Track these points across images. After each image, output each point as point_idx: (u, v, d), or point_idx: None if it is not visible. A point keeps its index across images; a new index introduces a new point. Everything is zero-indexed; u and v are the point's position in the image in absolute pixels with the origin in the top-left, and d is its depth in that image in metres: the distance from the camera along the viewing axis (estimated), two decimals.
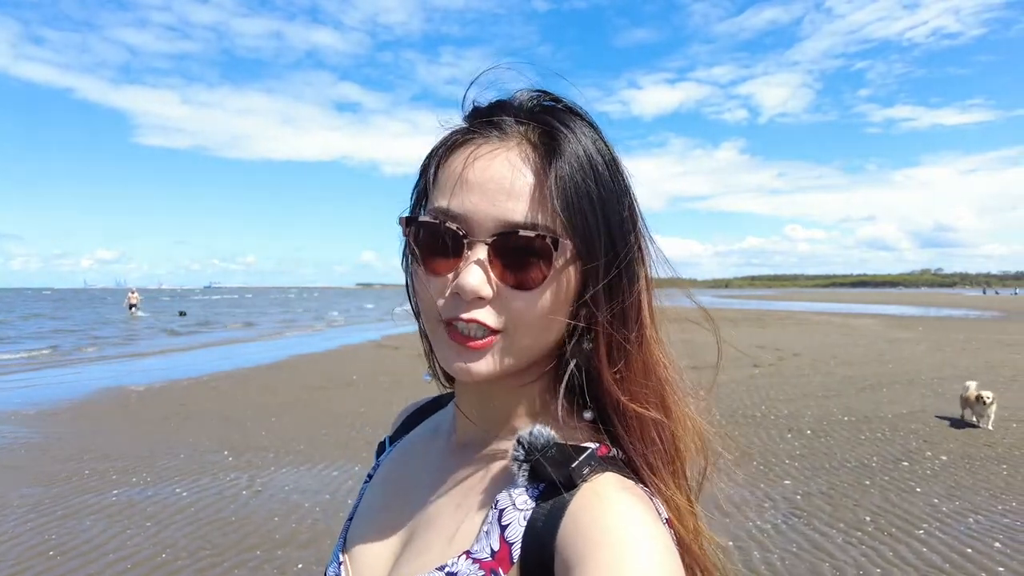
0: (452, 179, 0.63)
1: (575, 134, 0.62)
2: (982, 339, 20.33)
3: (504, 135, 0.63)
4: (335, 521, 5.16)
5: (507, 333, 0.62)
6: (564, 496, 0.59)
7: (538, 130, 0.63)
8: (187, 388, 11.79)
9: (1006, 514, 5.14)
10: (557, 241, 0.60)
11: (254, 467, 6.68)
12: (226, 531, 4.98)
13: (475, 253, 0.61)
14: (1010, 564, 4.26)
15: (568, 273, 0.63)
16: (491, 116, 0.65)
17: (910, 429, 7.91)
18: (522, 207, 0.60)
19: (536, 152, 0.62)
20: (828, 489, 5.70)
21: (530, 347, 0.64)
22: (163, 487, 6.02)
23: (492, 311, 0.61)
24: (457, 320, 0.61)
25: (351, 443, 7.59)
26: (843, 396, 10.12)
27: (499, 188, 0.61)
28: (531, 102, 0.66)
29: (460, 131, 0.67)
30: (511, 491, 0.63)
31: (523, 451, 0.62)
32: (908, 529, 4.83)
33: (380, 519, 0.75)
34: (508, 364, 0.63)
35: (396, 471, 0.81)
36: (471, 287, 0.59)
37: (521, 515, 0.60)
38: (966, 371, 12.71)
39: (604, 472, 0.61)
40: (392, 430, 0.94)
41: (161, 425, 8.65)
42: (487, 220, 0.60)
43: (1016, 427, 7.96)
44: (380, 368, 14.07)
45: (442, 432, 0.80)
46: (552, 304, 0.63)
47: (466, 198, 0.61)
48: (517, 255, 0.60)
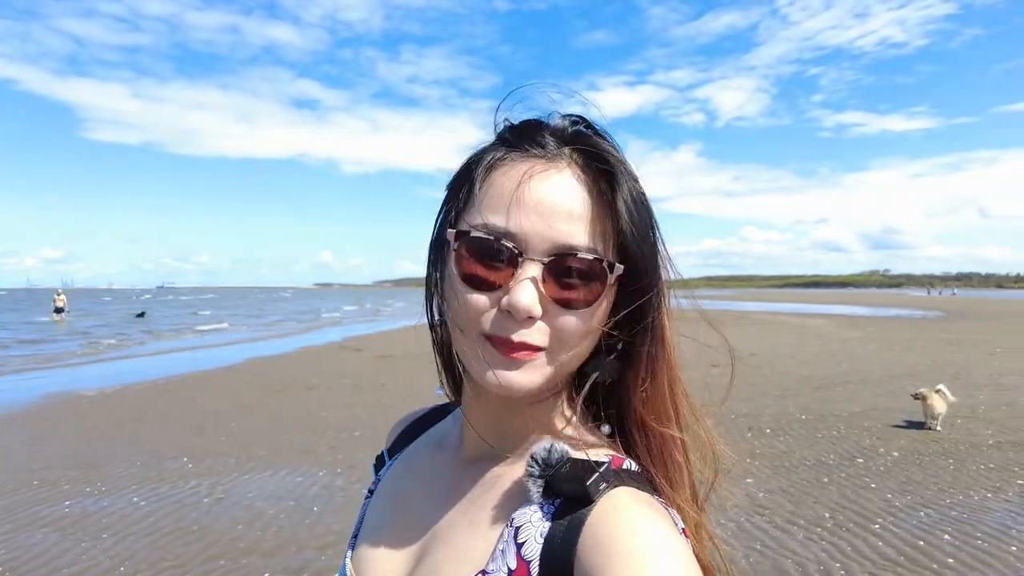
0: (504, 197, 0.63)
1: (624, 166, 0.65)
2: (927, 338, 21.18)
3: (549, 155, 0.65)
4: (301, 528, 5.08)
5: (550, 350, 0.63)
6: (581, 512, 0.59)
7: (583, 154, 0.65)
8: (142, 392, 11.43)
9: (953, 507, 5.36)
10: (613, 265, 0.63)
11: (215, 474, 6.52)
12: (188, 540, 4.85)
13: (527, 271, 0.61)
14: (959, 555, 4.45)
15: (610, 296, 0.66)
16: (532, 134, 0.66)
17: (863, 427, 8.20)
18: (578, 230, 0.62)
19: (587, 176, 0.64)
20: (788, 487, 5.86)
21: (567, 363, 0.65)
22: (119, 497, 5.83)
23: (539, 330, 0.62)
24: (502, 343, 0.62)
25: (314, 448, 7.48)
26: (800, 395, 10.41)
27: (555, 209, 0.62)
28: (568, 125, 0.68)
29: (500, 148, 0.67)
30: (526, 508, 0.62)
31: (538, 467, 0.62)
32: (864, 524, 5.00)
33: (388, 536, 0.74)
34: (546, 380, 0.64)
35: (401, 486, 0.80)
36: (524, 305, 0.60)
37: (537, 532, 0.60)
38: (914, 369, 13.23)
39: (620, 486, 0.61)
40: (389, 442, 0.91)
41: (115, 431, 8.36)
42: (542, 241, 0.61)
43: (961, 423, 8.31)
44: (342, 371, 13.88)
45: (448, 445, 0.79)
46: (596, 324, 0.65)
47: (523, 217, 0.62)
48: (570, 276, 0.62)
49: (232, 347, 20.44)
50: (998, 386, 11.12)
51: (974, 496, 5.63)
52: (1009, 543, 4.63)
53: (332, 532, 5.00)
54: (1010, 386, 11.15)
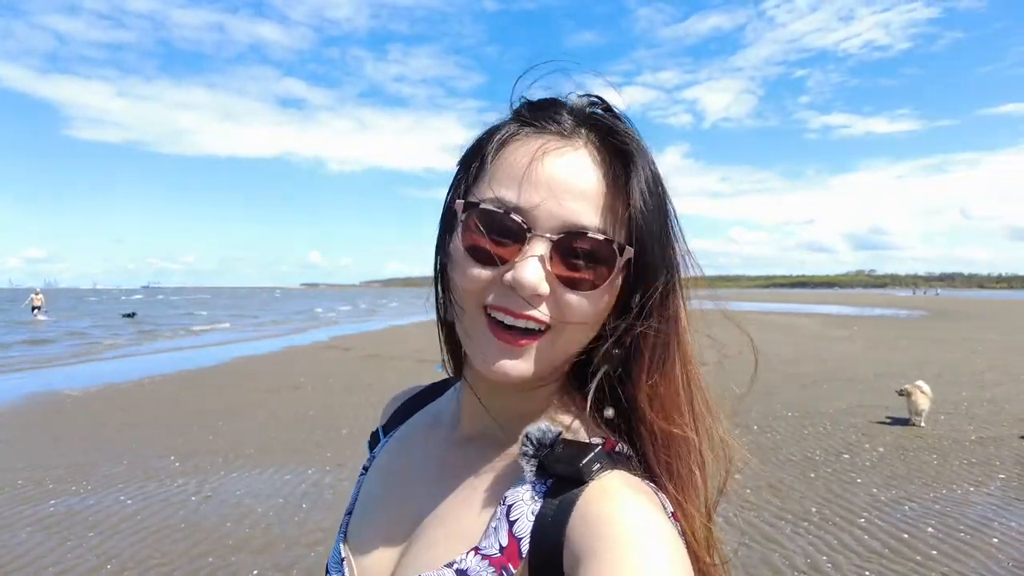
0: (516, 171, 0.62)
1: (642, 148, 0.64)
2: (912, 337, 21.44)
3: (565, 133, 0.63)
4: (289, 525, 5.06)
5: (552, 332, 0.62)
6: (572, 492, 0.59)
7: (599, 135, 0.64)
8: (128, 392, 11.32)
9: (937, 501, 5.44)
10: (623, 248, 0.62)
11: (202, 472, 6.48)
12: (175, 538, 4.81)
13: (535, 248, 0.60)
14: (942, 547, 4.52)
15: (618, 281, 0.64)
16: (549, 110, 0.65)
17: (850, 423, 8.28)
18: (589, 210, 0.60)
19: (601, 156, 0.63)
20: (776, 482, 5.91)
21: (568, 348, 0.64)
22: (105, 495, 5.78)
23: (543, 309, 0.61)
24: (507, 313, 0.61)
25: (302, 447, 7.44)
26: (786, 393, 10.50)
27: (567, 187, 0.60)
28: (586, 105, 0.66)
29: (515, 121, 0.66)
30: (519, 487, 0.63)
31: (532, 447, 0.62)
32: (850, 518, 5.06)
33: (382, 512, 0.74)
34: (544, 366, 0.63)
35: (396, 462, 0.79)
36: (530, 282, 0.58)
37: (529, 511, 0.60)
38: (899, 367, 13.37)
39: (612, 468, 0.61)
40: (384, 419, 0.91)
41: (101, 431, 8.28)
42: (552, 218, 0.60)
43: (944, 419, 8.43)
44: (329, 370, 13.82)
45: (443, 423, 0.79)
46: (600, 308, 0.63)
47: (534, 193, 0.60)
48: (579, 256, 0.60)
49: (219, 347, 20.29)
50: (980, 384, 11.28)
51: (957, 490, 5.71)
52: (990, 535, 4.70)
53: (321, 529, 4.98)
54: (991, 383, 11.32)
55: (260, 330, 28.73)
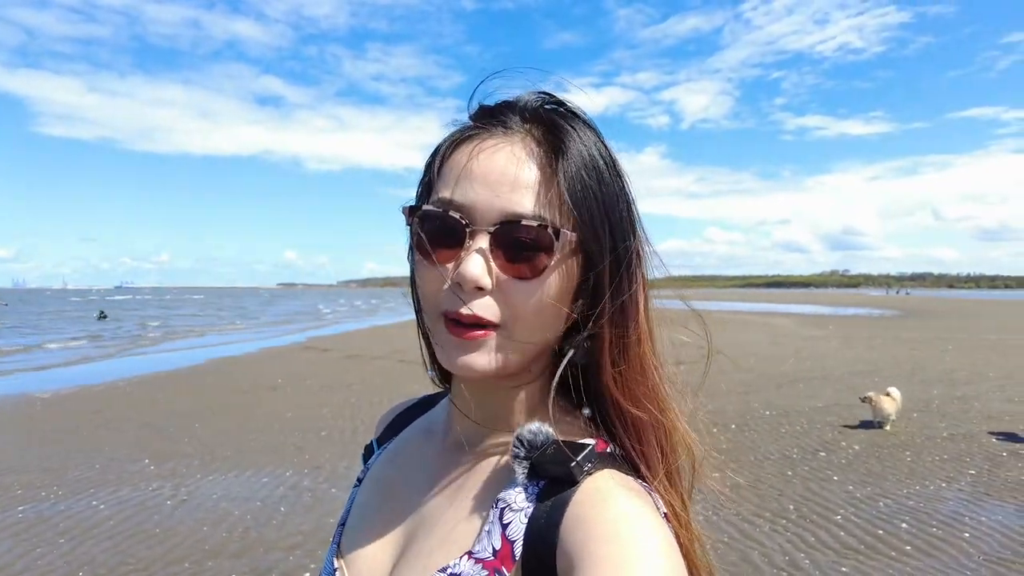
0: (456, 171, 0.63)
1: (578, 133, 0.64)
2: (885, 336, 21.84)
3: (508, 131, 0.64)
4: (268, 528, 5.00)
5: (506, 327, 0.62)
6: (565, 493, 0.59)
7: (541, 128, 0.64)
8: (101, 394, 11.11)
9: (910, 497, 5.54)
10: (559, 232, 0.61)
11: (178, 475, 6.37)
12: (150, 544, 4.73)
13: (477, 243, 0.61)
14: (915, 542, 4.60)
15: (569, 266, 0.63)
16: (497, 113, 0.66)
17: (826, 421, 8.41)
18: (526, 199, 0.61)
19: (540, 148, 0.63)
20: (754, 481, 5.97)
21: (528, 342, 0.64)
22: (77, 500, 5.65)
23: (492, 303, 0.61)
24: (456, 315, 0.61)
25: (280, 448, 7.36)
26: (763, 391, 10.63)
27: (502, 179, 0.61)
28: (535, 102, 0.67)
29: (465, 128, 0.67)
30: (511, 489, 0.63)
31: (523, 449, 0.62)
32: (827, 515, 5.13)
33: (376, 523, 0.73)
34: (508, 359, 0.63)
35: (389, 473, 0.79)
36: (471, 275, 0.59)
37: (522, 513, 0.60)
38: (873, 366, 13.62)
39: (603, 468, 0.61)
40: (378, 432, 0.91)
41: (73, 434, 8.11)
42: (490, 211, 0.61)
43: (916, 417, 8.59)
44: (307, 371, 13.69)
45: (435, 432, 0.79)
46: (551, 297, 0.63)
47: (469, 188, 0.61)
48: (519, 246, 0.61)
49: (194, 349, 20.01)
50: (950, 382, 11.52)
51: (929, 486, 5.83)
52: (962, 530, 4.81)
53: (300, 532, 4.93)
54: (961, 381, 11.56)
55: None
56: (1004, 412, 8.82)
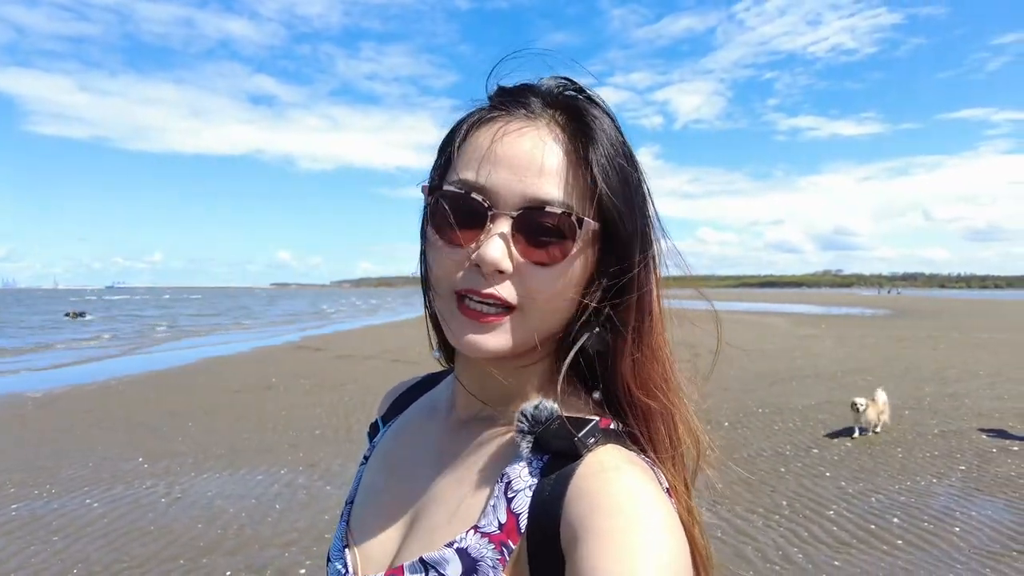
0: (479, 152, 0.63)
1: (602, 122, 0.65)
2: (878, 335, 21.95)
3: (532, 114, 0.64)
4: (263, 526, 4.99)
5: (521, 310, 0.62)
6: (568, 466, 0.60)
7: (565, 114, 0.65)
8: (93, 393, 11.06)
9: (902, 492, 5.59)
10: (582, 220, 0.62)
11: (172, 474, 6.36)
12: (145, 541, 4.72)
13: (498, 226, 0.61)
14: (907, 536, 4.65)
15: (588, 254, 0.64)
16: (518, 95, 0.66)
17: (818, 419, 8.46)
18: (549, 185, 0.61)
19: (564, 134, 0.63)
20: (747, 477, 6.01)
21: (541, 325, 0.64)
22: (71, 499, 5.63)
23: (510, 286, 0.61)
24: (473, 293, 0.61)
25: (275, 447, 7.35)
26: (757, 390, 10.67)
27: (527, 164, 0.61)
28: (557, 88, 0.67)
29: (487, 108, 0.67)
30: (516, 464, 0.63)
31: (527, 423, 0.62)
32: (820, 511, 5.17)
33: (383, 500, 0.74)
34: (519, 341, 0.63)
35: (395, 451, 0.80)
36: (492, 259, 0.59)
37: (527, 487, 0.61)
38: (865, 364, 13.70)
39: (607, 443, 0.62)
40: (382, 411, 0.92)
41: (65, 433, 8.07)
42: (512, 195, 0.61)
43: (908, 414, 8.65)
44: (301, 371, 13.65)
45: (440, 410, 0.80)
46: (569, 284, 0.64)
47: (493, 171, 0.61)
48: (540, 231, 0.61)
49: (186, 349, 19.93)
50: (942, 379, 11.60)
51: (921, 482, 5.87)
52: (952, 524, 4.85)
53: (295, 529, 4.93)
54: (952, 379, 11.65)
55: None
56: (994, 409, 8.89)
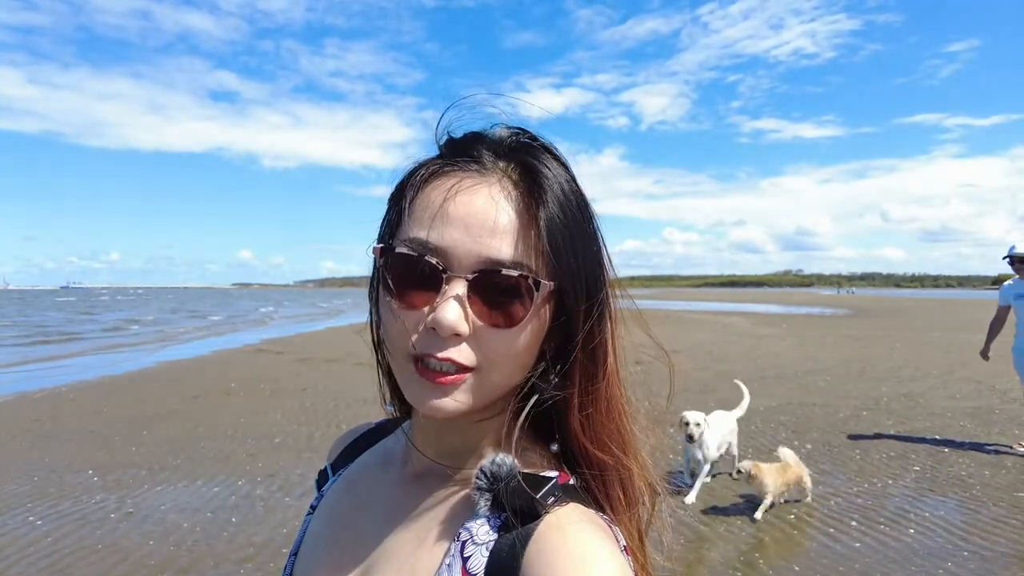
0: (431, 211, 0.61)
1: (555, 175, 0.64)
2: (837, 335, 22.50)
3: (484, 169, 0.63)
4: (218, 541, 4.84)
5: (479, 371, 0.62)
6: (528, 526, 0.59)
7: (518, 169, 0.64)
8: (41, 401, 10.63)
9: (859, 495, 5.69)
10: (539, 283, 0.61)
11: (124, 487, 6.13)
12: (91, 560, 4.52)
13: (453, 288, 0.60)
14: (864, 539, 4.73)
15: (543, 313, 0.64)
16: (469, 148, 0.65)
17: (779, 421, 8.59)
18: (505, 245, 0.60)
19: (517, 190, 0.62)
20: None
21: (499, 384, 0.64)
22: (12, 516, 5.38)
23: (467, 349, 0.60)
24: (429, 357, 0.60)
25: (232, 456, 7.16)
26: (719, 391, 10.80)
27: (481, 224, 0.60)
28: (509, 138, 0.66)
29: (436, 162, 0.66)
30: (473, 522, 0.62)
31: (485, 480, 0.61)
32: (781, 515, 5.23)
33: (330, 554, 0.72)
34: (477, 401, 0.63)
35: (344, 502, 0.77)
36: (449, 323, 0.58)
37: (484, 546, 0.60)
38: (825, 364, 14.00)
39: (567, 502, 0.62)
40: (332, 457, 0.89)
41: (9, 445, 7.72)
42: (468, 256, 0.60)
43: (867, 414, 8.86)
44: (261, 375, 13.36)
45: (394, 461, 0.77)
46: (526, 343, 0.63)
47: (446, 232, 0.60)
48: (497, 293, 0.60)
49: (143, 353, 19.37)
50: (897, 379, 11.93)
51: (877, 483, 6.00)
52: (907, 526, 4.96)
53: (252, 544, 4.79)
54: (907, 378, 11.99)
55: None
56: (947, 409, 9.17)
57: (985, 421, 8.30)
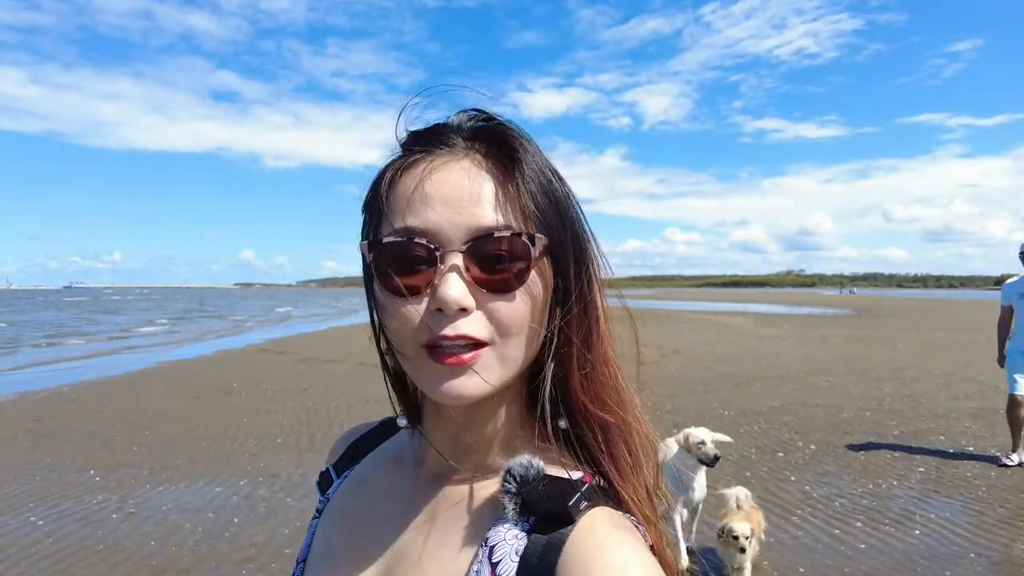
0: (409, 197, 0.61)
1: (522, 144, 0.64)
2: (839, 335, 22.45)
3: (453, 148, 0.63)
4: (220, 541, 4.82)
5: (494, 345, 0.60)
6: (560, 532, 0.57)
7: (484, 144, 0.64)
8: (43, 401, 10.64)
9: (864, 496, 5.66)
10: (533, 237, 0.60)
11: (126, 487, 6.12)
12: (92, 561, 4.51)
13: (449, 265, 0.58)
14: (869, 540, 4.71)
15: (545, 274, 0.63)
16: (431, 135, 0.65)
17: (782, 421, 8.56)
18: (490, 211, 0.60)
19: (488, 160, 0.62)
20: (713, 482, 5.98)
21: (517, 356, 0.62)
22: (14, 516, 5.37)
23: (477, 323, 0.59)
24: (442, 340, 0.58)
25: (234, 456, 7.14)
26: (721, 391, 10.78)
27: (462, 197, 0.60)
28: (469, 121, 0.66)
29: (404, 154, 0.65)
30: (500, 526, 0.60)
31: (515, 484, 0.60)
32: (785, 516, 5.21)
33: (343, 560, 0.69)
34: (499, 378, 0.61)
35: (355, 506, 0.74)
36: (453, 298, 0.57)
37: (512, 550, 0.58)
38: (828, 365, 13.96)
39: (596, 506, 0.60)
40: (335, 458, 0.85)
41: (10, 444, 7.73)
42: (456, 230, 0.59)
43: (869, 415, 8.82)
44: (263, 375, 13.35)
45: (407, 461, 0.74)
46: (534, 307, 0.62)
47: (430, 212, 0.59)
48: (494, 259, 0.59)
49: (145, 352, 19.38)
50: (900, 380, 11.89)
51: (882, 484, 5.97)
52: (912, 527, 4.93)
53: (254, 544, 4.77)
54: (910, 379, 11.94)
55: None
56: (950, 410, 9.13)
57: (989, 422, 8.26)
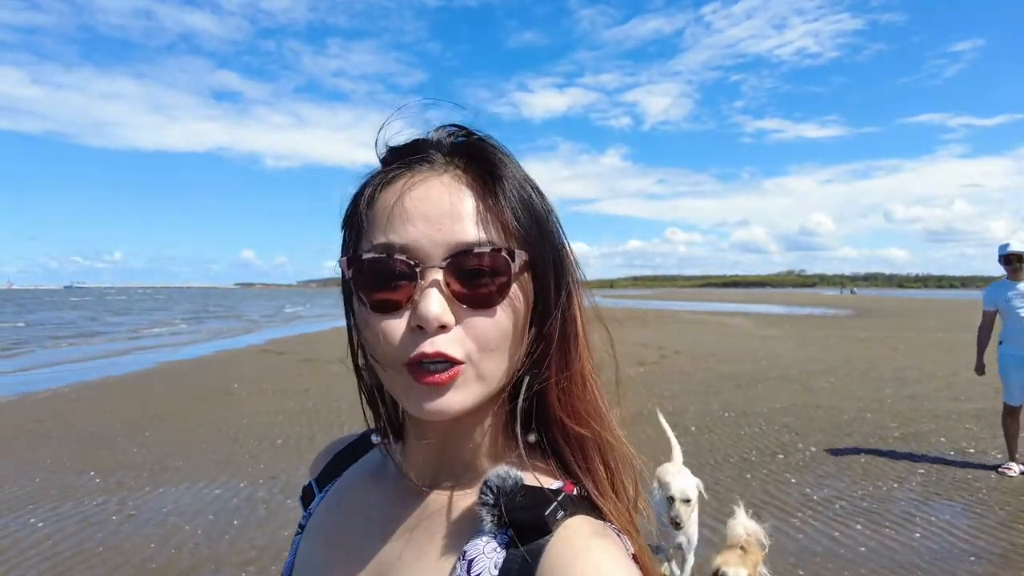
0: (389, 213, 0.61)
1: (502, 158, 0.64)
2: (840, 335, 22.44)
3: (432, 164, 0.63)
4: (219, 544, 4.82)
5: (472, 361, 0.60)
6: (538, 542, 0.57)
7: (464, 159, 0.64)
8: (42, 402, 10.64)
9: (864, 498, 5.65)
10: (513, 252, 0.60)
11: (125, 489, 6.11)
12: (92, 563, 4.51)
13: (429, 281, 0.58)
14: (869, 543, 4.69)
15: (525, 290, 0.63)
16: (410, 150, 0.65)
17: (783, 423, 8.55)
18: (470, 227, 0.60)
19: (468, 175, 0.63)
20: (713, 484, 6.01)
21: (497, 372, 0.62)
22: (13, 518, 5.37)
23: (457, 340, 0.59)
24: (422, 359, 0.58)
25: (234, 458, 7.14)
26: (722, 392, 10.77)
27: (442, 213, 0.60)
28: (448, 136, 0.66)
29: (383, 171, 0.65)
30: (479, 539, 0.60)
31: (492, 495, 0.60)
32: (785, 518, 5.20)
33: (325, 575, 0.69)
34: (479, 393, 0.61)
35: (337, 520, 0.74)
36: (433, 315, 0.56)
37: (491, 563, 0.58)
38: (829, 366, 13.94)
39: (575, 515, 0.60)
40: (316, 472, 0.85)
41: (10, 446, 7.73)
42: (435, 246, 0.59)
43: (871, 416, 8.81)
44: (263, 376, 13.35)
45: (387, 475, 0.74)
46: (515, 322, 0.62)
47: (409, 228, 0.59)
48: (474, 275, 0.59)
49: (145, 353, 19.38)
50: (901, 381, 11.87)
51: (882, 486, 5.96)
52: (913, 530, 4.92)
53: (254, 547, 4.76)
54: (911, 380, 11.92)
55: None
56: (951, 411, 9.11)
57: (991, 423, 8.23)
